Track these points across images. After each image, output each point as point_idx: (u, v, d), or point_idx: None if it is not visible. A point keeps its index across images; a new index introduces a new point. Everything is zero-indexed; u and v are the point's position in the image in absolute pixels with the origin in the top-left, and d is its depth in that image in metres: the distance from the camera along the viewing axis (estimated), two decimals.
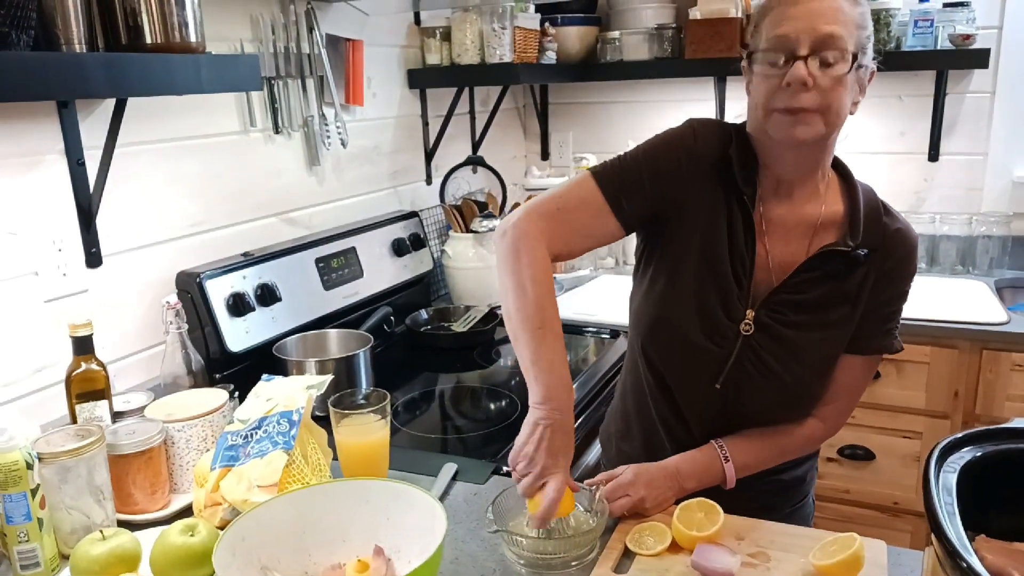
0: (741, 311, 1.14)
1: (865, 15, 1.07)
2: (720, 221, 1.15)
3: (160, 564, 1.00)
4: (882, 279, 1.14)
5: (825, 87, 1.04)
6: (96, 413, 1.24)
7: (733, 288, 1.14)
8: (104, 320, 1.43)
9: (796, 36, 1.04)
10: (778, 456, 1.21)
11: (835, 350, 1.16)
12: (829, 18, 1.03)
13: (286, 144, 1.87)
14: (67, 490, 1.08)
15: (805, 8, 1.04)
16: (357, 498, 1.01)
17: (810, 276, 1.13)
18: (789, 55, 1.04)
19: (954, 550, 0.69)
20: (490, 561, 1.06)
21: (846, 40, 1.03)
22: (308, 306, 1.77)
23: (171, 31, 1.23)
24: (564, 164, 3.01)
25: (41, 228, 1.35)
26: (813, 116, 1.05)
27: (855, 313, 1.14)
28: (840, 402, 1.20)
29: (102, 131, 1.39)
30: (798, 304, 1.14)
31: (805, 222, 1.15)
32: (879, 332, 1.17)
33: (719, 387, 1.16)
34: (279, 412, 1.17)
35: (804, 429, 1.20)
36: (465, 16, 2.26)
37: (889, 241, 1.14)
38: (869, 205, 1.15)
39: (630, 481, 1.12)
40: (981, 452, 0.85)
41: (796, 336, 1.14)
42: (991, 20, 2.39)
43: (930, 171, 2.57)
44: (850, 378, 1.19)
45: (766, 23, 1.08)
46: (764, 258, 1.15)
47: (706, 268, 1.15)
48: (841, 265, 1.12)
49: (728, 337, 1.14)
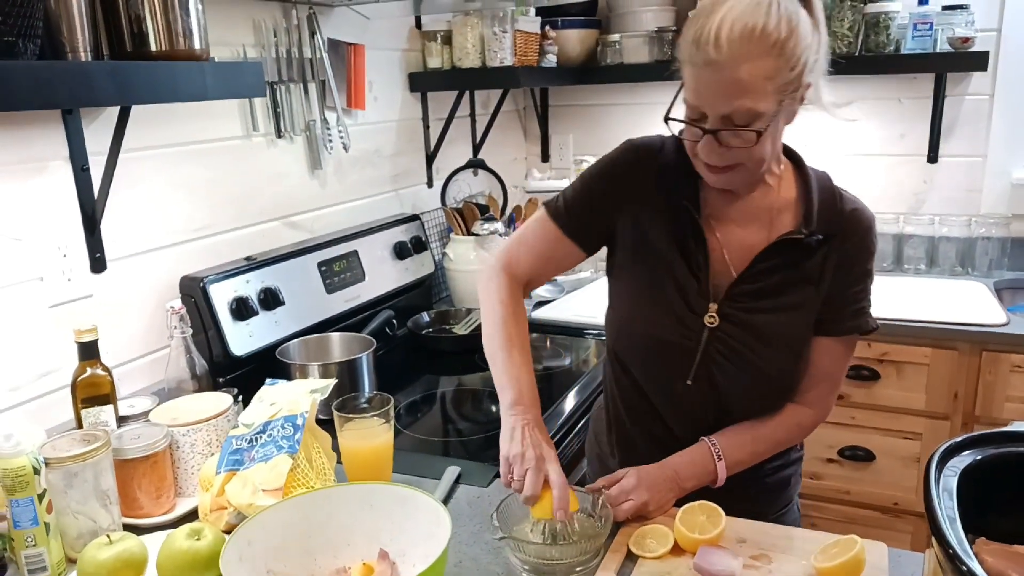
0: (703, 304, 1.16)
1: (794, 45, 0.99)
2: (667, 227, 1.18)
3: (166, 568, 1.00)
4: (844, 261, 1.15)
5: (739, 146, 1.04)
6: (101, 418, 1.25)
7: (692, 284, 1.16)
8: (108, 325, 1.44)
9: (703, 110, 1.04)
10: (772, 447, 1.22)
11: (802, 332, 1.17)
12: (733, 93, 1.00)
13: (288, 148, 1.88)
14: (73, 495, 1.09)
15: (708, 80, 1.01)
16: (361, 502, 1.02)
17: (768, 264, 1.15)
18: (699, 121, 1.05)
19: (955, 554, 0.70)
20: (494, 564, 1.07)
21: (758, 106, 1.00)
22: (311, 310, 1.78)
23: (176, 39, 1.23)
24: (564, 166, 3.02)
25: (46, 234, 1.36)
26: (735, 170, 1.08)
27: (818, 294, 1.15)
28: (822, 386, 1.20)
29: (106, 137, 1.39)
30: (759, 292, 1.15)
31: (761, 210, 1.17)
32: (850, 313, 1.17)
33: (691, 383, 1.17)
34: (283, 416, 1.18)
35: (792, 417, 1.21)
36: (466, 20, 2.27)
37: (847, 223, 1.15)
38: (823, 191, 1.17)
39: (633, 485, 1.13)
40: (981, 455, 0.86)
41: (760, 321, 1.15)
42: (990, 23, 2.40)
43: (929, 173, 2.58)
44: (828, 361, 1.19)
45: (684, 67, 1.06)
46: (719, 252, 1.17)
47: (663, 270, 1.18)
48: (798, 251, 1.14)
49: (694, 330, 1.16)
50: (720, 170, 1.08)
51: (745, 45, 0.97)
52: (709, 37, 0.98)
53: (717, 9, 1.00)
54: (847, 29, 2.39)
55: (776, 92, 1.01)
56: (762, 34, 0.98)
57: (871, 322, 1.18)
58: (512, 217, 2.60)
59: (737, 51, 0.97)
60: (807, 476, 2.31)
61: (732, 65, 0.98)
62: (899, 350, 2.13)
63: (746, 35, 0.97)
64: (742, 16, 0.98)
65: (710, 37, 0.98)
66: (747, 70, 0.98)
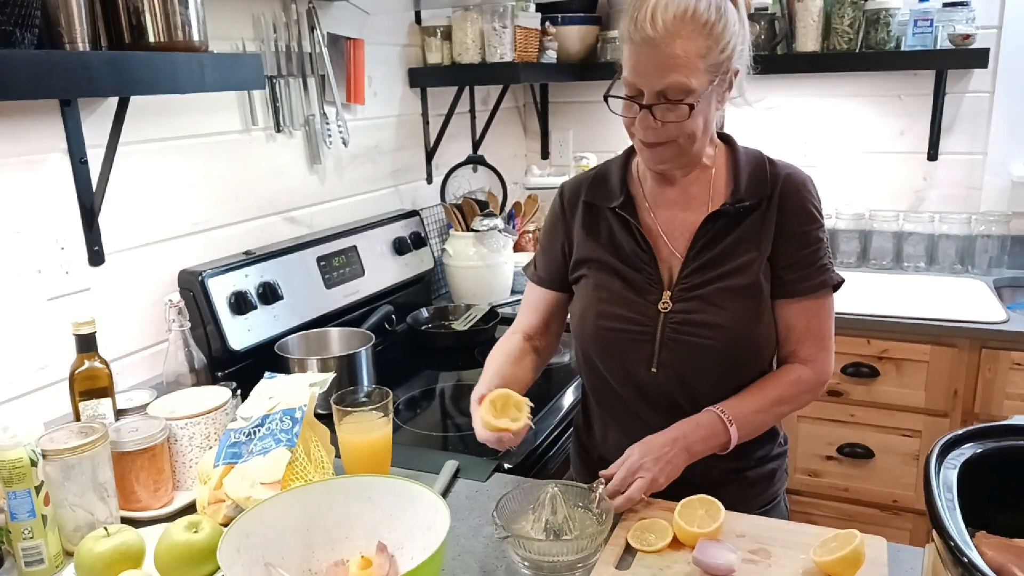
0: (656, 292, 1.22)
1: (722, 29, 1.10)
2: (605, 232, 1.27)
3: (164, 561, 1.00)
4: (787, 220, 1.20)
5: (673, 120, 1.13)
6: (99, 411, 1.24)
7: (637, 277, 1.23)
8: (107, 318, 1.43)
9: (638, 86, 1.13)
10: (776, 405, 1.21)
11: (754, 293, 1.19)
12: (667, 67, 1.09)
13: (287, 143, 1.88)
14: (71, 487, 1.09)
15: (645, 56, 1.10)
16: (360, 495, 1.02)
17: (706, 239, 1.21)
18: (636, 98, 1.14)
19: (955, 546, 0.70)
20: (492, 558, 1.07)
21: (690, 81, 1.09)
22: (310, 304, 1.78)
23: (174, 30, 1.23)
24: (564, 163, 3.01)
25: (44, 227, 1.35)
26: (668, 146, 1.16)
27: (761, 255, 1.19)
28: (809, 344, 1.22)
29: (104, 130, 1.39)
30: (703, 266, 1.21)
31: (700, 191, 1.24)
32: (813, 271, 1.21)
33: (655, 370, 1.21)
34: (282, 410, 1.18)
35: (789, 373, 1.22)
36: (466, 15, 2.26)
37: (783, 185, 1.21)
38: (753, 162, 1.24)
39: (638, 463, 1.12)
40: (981, 449, 0.86)
41: (710, 292, 1.19)
42: (990, 20, 2.39)
43: (929, 170, 2.57)
44: (808, 320, 1.22)
45: (624, 46, 1.14)
46: (663, 241, 1.24)
47: (607, 271, 1.26)
48: (731, 220, 1.20)
49: (648, 316, 1.22)
50: (654, 146, 1.16)
51: (678, 23, 1.08)
52: (646, 16, 1.09)
53: None
54: (847, 26, 2.39)
55: (707, 71, 1.11)
56: (694, 14, 1.08)
57: (835, 276, 1.23)
58: (511, 213, 2.60)
59: (671, 28, 1.08)
60: (806, 473, 2.31)
61: (667, 41, 1.08)
62: (899, 347, 2.13)
63: (679, 15, 1.08)
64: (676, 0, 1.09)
65: (647, 16, 1.09)
66: (680, 46, 1.08)
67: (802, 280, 1.20)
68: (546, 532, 1.05)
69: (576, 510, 1.09)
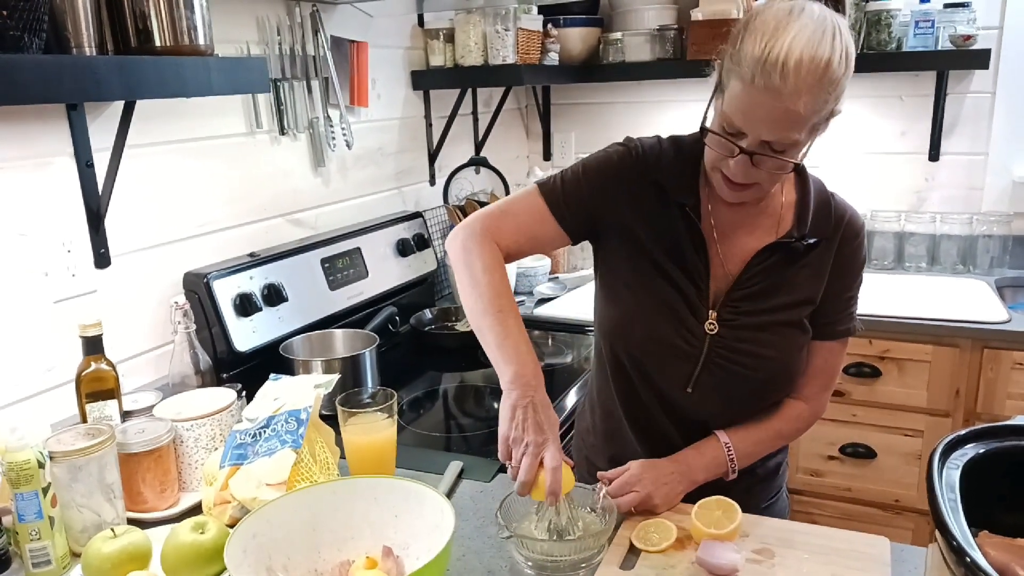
0: (704, 311, 1.16)
1: (843, 83, 1.00)
2: (665, 231, 1.17)
3: (171, 561, 1.01)
4: (838, 267, 1.17)
5: (768, 169, 1.05)
6: (106, 412, 1.25)
7: (692, 290, 1.16)
8: (113, 320, 1.44)
9: (743, 130, 1.02)
10: (775, 439, 1.23)
11: (798, 332, 1.18)
12: (785, 122, 0.99)
13: (292, 145, 1.89)
14: (78, 488, 1.09)
15: (762, 105, 0.99)
16: (365, 496, 1.02)
17: (761, 267, 1.16)
18: (736, 138, 1.04)
19: (958, 546, 0.70)
20: (497, 559, 1.07)
21: (801, 136, 1.01)
22: (314, 306, 1.78)
23: (180, 34, 1.24)
24: (566, 165, 3.00)
25: (50, 229, 1.36)
26: (752, 188, 1.09)
27: (815, 294, 1.17)
28: (816, 382, 1.23)
29: (111, 133, 1.40)
30: (754, 295, 1.16)
31: (764, 216, 1.18)
32: (844, 316, 1.21)
33: (691, 390, 1.18)
34: (287, 411, 1.18)
35: (791, 409, 1.23)
36: (468, 18, 2.27)
37: (845, 229, 1.18)
38: (819, 197, 1.19)
39: (636, 477, 1.13)
40: (984, 449, 0.86)
41: (757, 323, 1.16)
42: (991, 20, 2.40)
43: (931, 171, 2.58)
44: (822, 361, 1.22)
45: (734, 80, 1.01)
46: (718, 258, 1.17)
47: (662, 276, 1.17)
48: (790, 254, 1.15)
49: (696, 336, 1.16)
50: (740, 187, 1.08)
51: (809, 79, 0.96)
52: (776, 63, 0.95)
53: (783, 32, 0.97)
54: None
55: (818, 123, 1.03)
56: (826, 68, 0.97)
57: (858, 324, 1.23)
58: None
59: (802, 83, 0.96)
60: (808, 473, 2.31)
61: (793, 97, 0.96)
62: (900, 347, 2.13)
63: (813, 68, 0.96)
64: (810, 46, 0.96)
65: (777, 63, 0.95)
66: (804, 104, 0.97)
67: (835, 324, 1.19)
68: (550, 532, 1.05)
69: (580, 510, 1.09)
